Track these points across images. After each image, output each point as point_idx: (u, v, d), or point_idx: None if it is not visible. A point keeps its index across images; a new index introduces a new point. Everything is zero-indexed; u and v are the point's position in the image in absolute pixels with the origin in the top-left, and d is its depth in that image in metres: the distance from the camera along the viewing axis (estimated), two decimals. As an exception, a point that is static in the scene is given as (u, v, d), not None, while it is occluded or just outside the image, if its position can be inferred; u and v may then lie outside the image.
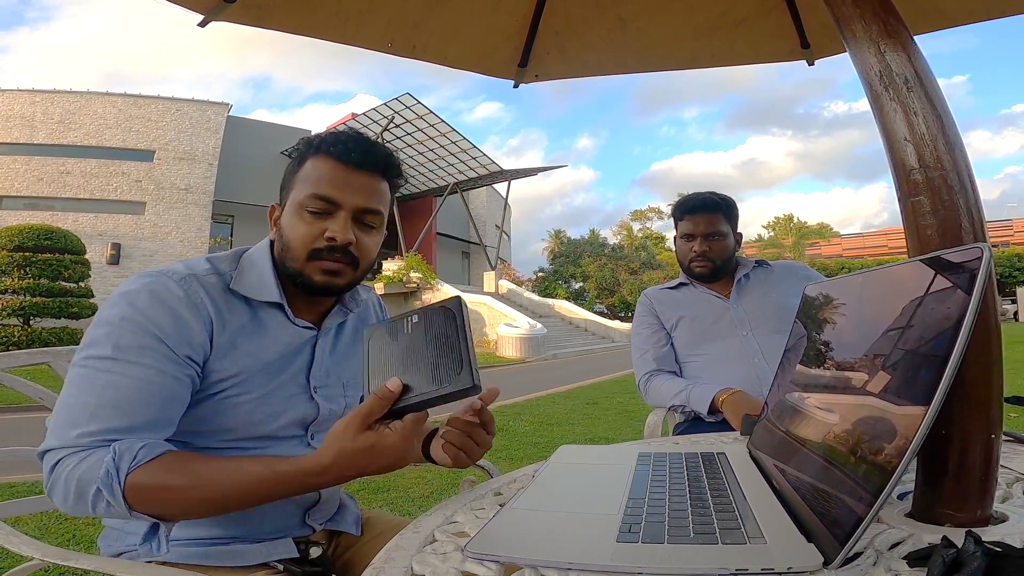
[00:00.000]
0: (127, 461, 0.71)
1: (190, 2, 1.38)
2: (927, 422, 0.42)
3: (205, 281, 0.85)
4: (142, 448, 0.73)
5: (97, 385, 0.75)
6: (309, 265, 0.87)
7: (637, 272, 34.57)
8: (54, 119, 19.25)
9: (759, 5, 1.64)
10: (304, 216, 0.87)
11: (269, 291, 0.89)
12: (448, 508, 0.70)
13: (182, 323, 0.81)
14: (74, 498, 0.71)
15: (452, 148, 21.59)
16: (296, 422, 0.91)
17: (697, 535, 0.53)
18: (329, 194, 0.87)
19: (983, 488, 0.54)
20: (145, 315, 0.79)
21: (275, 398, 0.89)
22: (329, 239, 0.86)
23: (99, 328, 0.80)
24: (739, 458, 0.83)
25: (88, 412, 0.74)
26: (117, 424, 0.74)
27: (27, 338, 11.75)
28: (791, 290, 1.67)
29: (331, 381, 0.96)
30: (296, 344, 0.92)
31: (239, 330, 0.86)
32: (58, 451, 0.73)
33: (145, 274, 0.84)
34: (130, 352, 0.77)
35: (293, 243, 0.88)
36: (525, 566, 0.50)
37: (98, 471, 0.70)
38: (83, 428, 0.73)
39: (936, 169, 0.61)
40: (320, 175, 0.87)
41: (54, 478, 0.72)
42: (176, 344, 0.80)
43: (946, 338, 0.44)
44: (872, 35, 0.68)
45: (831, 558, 0.45)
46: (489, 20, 1.66)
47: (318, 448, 0.73)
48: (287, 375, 0.91)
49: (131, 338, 0.78)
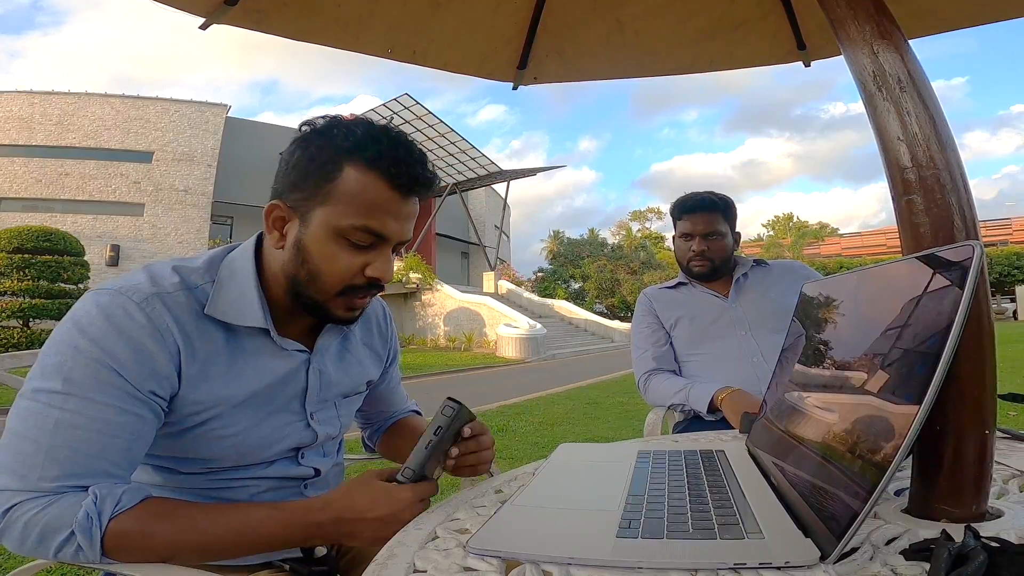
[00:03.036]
0: (110, 506, 0.66)
1: (191, 5, 1.39)
2: (920, 418, 0.43)
3: (171, 301, 0.74)
4: (125, 492, 0.68)
5: (48, 424, 0.66)
6: (335, 300, 0.78)
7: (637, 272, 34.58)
8: (52, 120, 19.21)
9: (756, 8, 1.64)
10: (344, 246, 0.75)
11: (252, 314, 0.77)
12: (449, 506, 0.71)
13: (143, 355, 0.70)
14: (34, 543, 0.65)
15: (451, 149, 21.59)
16: (287, 448, 0.85)
17: (696, 530, 0.54)
18: (381, 230, 0.75)
19: (978, 484, 0.54)
20: (99, 346, 0.68)
21: (265, 428, 0.81)
22: (372, 278, 0.77)
23: (48, 356, 0.70)
24: (738, 456, 0.83)
25: (41, 453, 0.66)
26: (76, 470, 0.66)
27: (26, 340, 11.75)
28: (789, 289, 1.68)
29: (327, 404, 0.89)
30: (285, 370, 0.82)
31: (212, 357, 0.76)
32: (14, 494, 0.65)
33: (101, 290, 0.73)
34: (84, 388, 0.68)
35: (326, 276, 0.76)
36: (526, 561, 0.51)
37: (72, 515, 0.64)
38: (41, 472, 0.65)
39: (929, 168, 0.62)
40: (371, 201, 0.74)
41: (7, 522, 0.65)
42: (137, 379, 0.70)
43: (939, 335, 0.45)
44: (866, 36, 0.69)
45: (828, 553, 0.46)
46: (488, 24, 1.66)
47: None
48: (278, 404, 0.83)
49: (84, 371, 0.68)
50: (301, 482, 0.89)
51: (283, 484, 0.87)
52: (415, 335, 19.02)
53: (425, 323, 19.44)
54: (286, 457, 0.86)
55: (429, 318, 19.42)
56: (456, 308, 18.84)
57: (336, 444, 0.98)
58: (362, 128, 0.76)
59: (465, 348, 17.15)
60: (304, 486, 0.90)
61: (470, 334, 17.82)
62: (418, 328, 19.31)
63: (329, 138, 0.76)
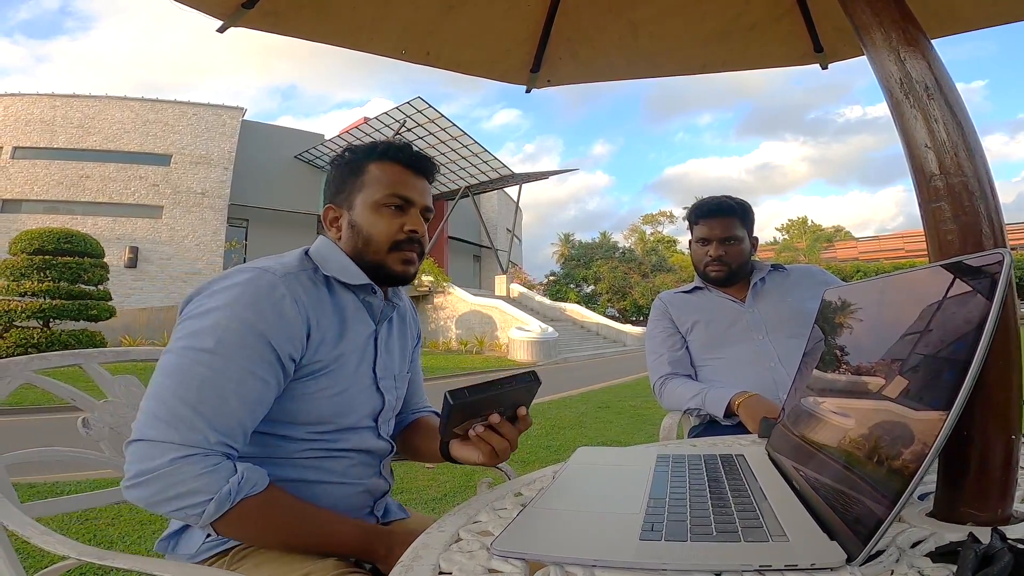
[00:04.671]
0: (248, 487, 0.76)
1: (210, 8, 1.41)
2: (950, 423, 0.43)
3: (298, 279, 0.89)
4: (261, 477, 0.78)
5: (196, 379, 0.77)
6: (391, 256, 0.98)
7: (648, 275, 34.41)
8: (74, 123, 19.53)
9: (771, 10, 1.63)
10: (383, 213, 0.97)
11: (357, 275, 0.96)
12: (470, 508, 0.72)
13: (286, 321, 0.84)
14: (169, 497, 0.73)
15: (463, 152, 21.64)
16: (368, 413, 0.98)
17: (719, 533, 0.54)
18: (406, 194, 0.99)
19: (1004, 488, 0.54)
20: (254, 309, 0.82)
21: (353, 390, 0.95)
22: (411, 231, 0.98)
23: (203, 319, 0.81)
24: (758, 459, 0.83)
25: (189, 408, 0.75)
26: (220, 427, 0.76)
27: (47, 340, 11.91)
28: (807, 294, 1.67)
29: (388, 372, 1.03)
30: (364, 336, 0.98)
31: (328, 326, 0.91)
32: (178, 447, 0.73)
33: (247, 267, 0.87)
34: (231, 349, 0.79)
35: (376, 236, 0.97)
36: (551, 563, 0.52)
37: (219, 486, 0.74)
38: (191, 427, 0.75)
39: (957, 175, 0.62)
40: (393, 178, 0.99)
41: (164, 472, 0.72)
42: (280, 342, 0.82)
43: (967, 342, 0.45)
44: (892, 43, 0.69)
45: (854, 555, 0.46)
46: (501, 26, 1.67)
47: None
48: (361, 368, 0.97)
49: (235, 335, 0.80)
50: (379, 460, 1.03)
51: (368, 461, 1.00)
52: (427, 338, 19.06)
53: (437, 326, 19.50)
54: (368, 427, 0.99)
55: (441, 321, 19.47)
56: (468, 311, 18.87)
57: (392, 424, 1.09)
58: (375, 142, 1.02)
59: (477, 351, 17.16)
60: (382, 465, 1.04)
61: (482, 337, 17.84)
62: (430, 331, 19.37)
63: (354, 152, 1.03)
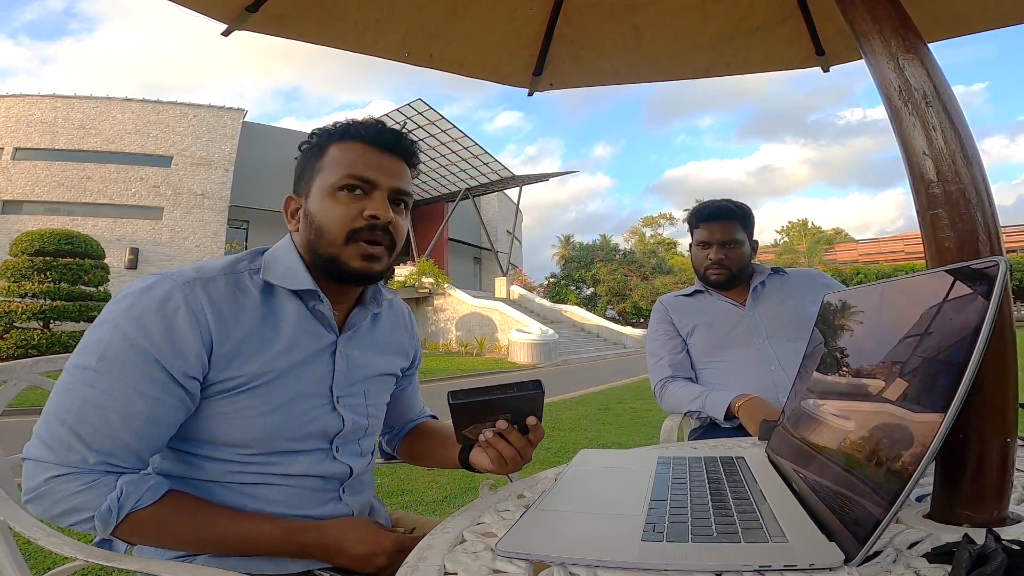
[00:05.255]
0: (131, 502, 0.72)
1: (215, 12, 1.42)
2: (945, 427, 0.44)
3: (212, 285, 0.80)
4: (148, 490, 0.74)
5: (77, 399, 0.73)
6: (347, 249, 0.84)
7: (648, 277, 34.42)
8: (75, 124, 19.58)
9: (773, 13, 1.64)
10: (338, 198, 0.84)
11: (300, 279, 0.85)
12: (474, 510, 0.72)
13: (176, 337, 0.75)
14: (58, 513, 0.72)
15: (464, 154, 21.68)
16: (318, 434, 0.87)
17: (720, 534, 0.55)
18: (365, 174, 0.85)
19: (999, 490, 0.55)
20: (138, 325, 0.74)
21: (294, 410, 0.84)
22: (370, 217, 0.84)
23: (91, 334, 0.76)
24: (758, 462, 0.84)
25: (66, 428, 0.72)
26: (100, 447, 0.72)
27: (47, 341, 11.92)
28: (807, 298, 1.68)
29: (354, 391, 0.92)
30: (314, 350, 0.86)
31: (248, 336, 0.80)
32: (49, 466, 0.71)
33: (154, 274, 0.80)
34: (114, 367, 0.73)
35: (328, 226, 0.84)
36: (554, 564, 0.52)
37: (97, 504, 0.71)
38: (68, 447, 0.71)
39: (954, 183, 0.63)
40: (353, 158, 0.85)
41: (43, 491, 0.71)
42: (169, 360, 0.75)
43: (964, 346, 0.46)
44: (891, 50, 0.70)
45: (852, 555, 0.47)
46: (505, 29, 1.68)
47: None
48: (306, 384, 0.85)
49: (118, 351, 0.74)
50: (339, 484, 0.90)
51: (320, 486, 0.88)
52: (427, 340, 19.07)
53: (437, 328, 19.49)
54: (320, 449, 0.88)
55: (441, 323, 19.48)
56: (468, 313, 18.87)
57: (371, 442, 1.00)
58: (341, 122, 0.90)
59: (477, 353, 17.17)
60: (342, 489, 0.91)
61: (482, 339, 17.84)
62: (430, 333, 19.37)
63: (317, 135, 0.90)
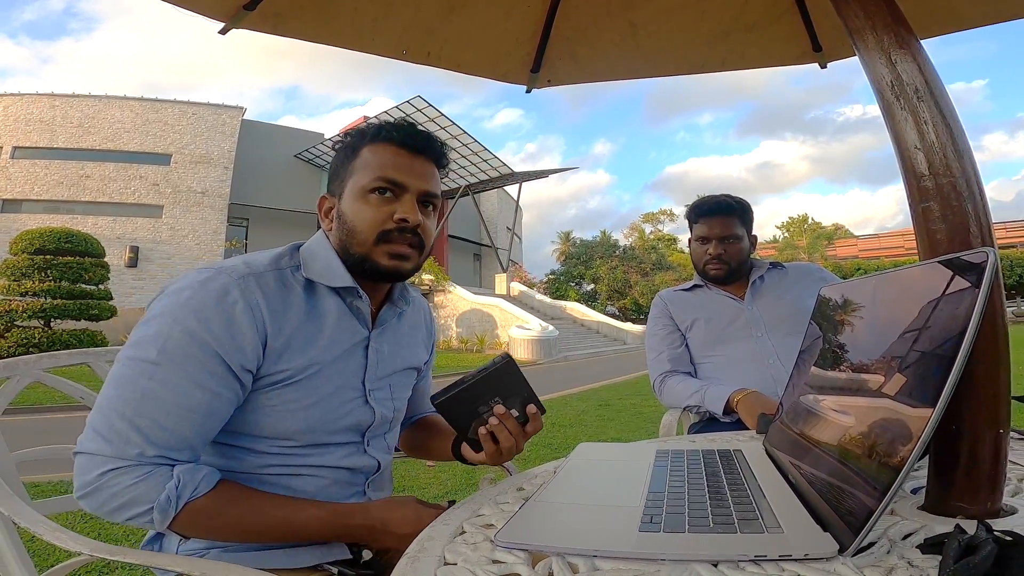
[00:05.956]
0: (189, 491, 0.74)
1: (212, 10, 1.42)
2: (935, 419, 0.45)
3: (263, 281, 0.82)
4: (203, 479, 0.76)
5: (136, 392, 0.73)
6: (377, 249, 0.87)
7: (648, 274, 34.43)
8: (73, 123, 19.53)
9: (770, 9, 1.64)
10: (370, 200, 0.87)
11: (341, 277, 0.88)
12: (474, 503, 0.73)
13: (235, 330, 0.77)
14: (115, 508, 0.72)
15: (463, 151, 21.63)
16: (352, 427, 0.91)
17: (716, 525, 0.56)
18: (396, 177, 0.87)
19: (992, 482, 0.56)
20: (199, 318, 0.76)
21: (333, 402, 0.87)
22: (400, 220, 0.86)
23: (148, 326, 0.77)
24: (755, 455, 0.85)
25: (126, 422, 0.72)
26: (157, 440, 0.73)
27: (48, 339, 11.94)
28: (806, 292, 1.68)
29: (382, 384, 0.95)
30: (350, 345, 0.90)
31: (295, 331, 0.83)
32: (106, 459, 0.72)
33: (207, 267, 0.82)
34: (174, 359, 0.74)
35: (360, 227, 0.87)
36: (552, 554, 0.53)
37: (156, 495, 0.72)
38: (127, 440, 0.72)
39: (946, 176, 0.63)
40: (384, 160, 0.88)
41: (100, 485, 0.71)
42: (228, 353, 0.77)
43: (954, 339, 0.46)
44: (883, 45, 0.70)
45: (846, 546, 0.47)
46: (502, 26, 1.68)
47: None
48: (344, 378, 0.89)
49: (178, 344, 0.75)
50: (365, 478, 0.96)
51: (348, 479, 0.93)
52: (428, 336, 19.03)
53: (438, 324, 19.47)
54: (353, 443, 0.92)
55: (442, 320, 19.49)
56: (468, 310, 18.88)
57: (395, 437, 1.04)
58: (374, 124, 0.92)
59: (477, 350, 17.18)
60: (368, 484, 0.96)
61: (482, 336, 17.85)
62: (431, 329, 19.35)
63: (351, 137, 0.93)
